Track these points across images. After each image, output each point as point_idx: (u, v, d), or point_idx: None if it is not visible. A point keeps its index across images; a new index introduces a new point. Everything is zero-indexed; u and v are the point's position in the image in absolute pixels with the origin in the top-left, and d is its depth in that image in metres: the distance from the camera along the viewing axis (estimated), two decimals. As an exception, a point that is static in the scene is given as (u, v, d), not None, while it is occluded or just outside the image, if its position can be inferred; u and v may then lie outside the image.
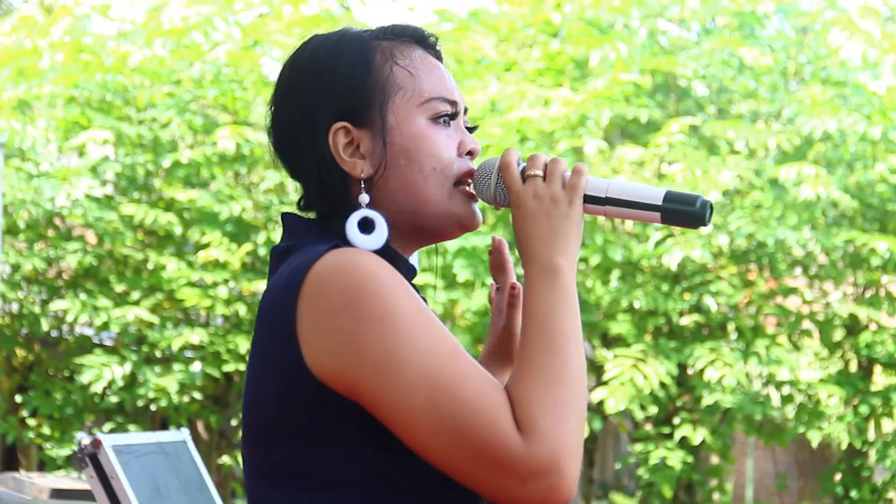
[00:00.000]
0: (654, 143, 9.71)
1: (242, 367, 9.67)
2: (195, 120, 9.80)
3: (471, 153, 1.73)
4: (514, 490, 1.52)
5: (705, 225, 1.66)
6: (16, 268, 9.49)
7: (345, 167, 1.68)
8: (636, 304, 9.63)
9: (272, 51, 10.69)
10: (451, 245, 9.33)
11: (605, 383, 9.55)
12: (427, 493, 1.58)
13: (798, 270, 10.16)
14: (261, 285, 9.62)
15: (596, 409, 10.05)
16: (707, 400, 9.55)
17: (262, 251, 9.62)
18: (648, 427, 10.13)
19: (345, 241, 1.65)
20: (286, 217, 1.72)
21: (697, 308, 9.79)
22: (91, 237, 9.86)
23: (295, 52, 1.73)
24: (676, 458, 9.55)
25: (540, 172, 1.67)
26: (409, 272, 1.72)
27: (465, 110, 1.77)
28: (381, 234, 1.65)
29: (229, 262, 9.54)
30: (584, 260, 9.79)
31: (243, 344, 9.60)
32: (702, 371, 9.52)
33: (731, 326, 9.96)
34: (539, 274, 1.63)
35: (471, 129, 1.75)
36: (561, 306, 1.60)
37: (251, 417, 1.61)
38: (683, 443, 9.75)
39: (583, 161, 9.92)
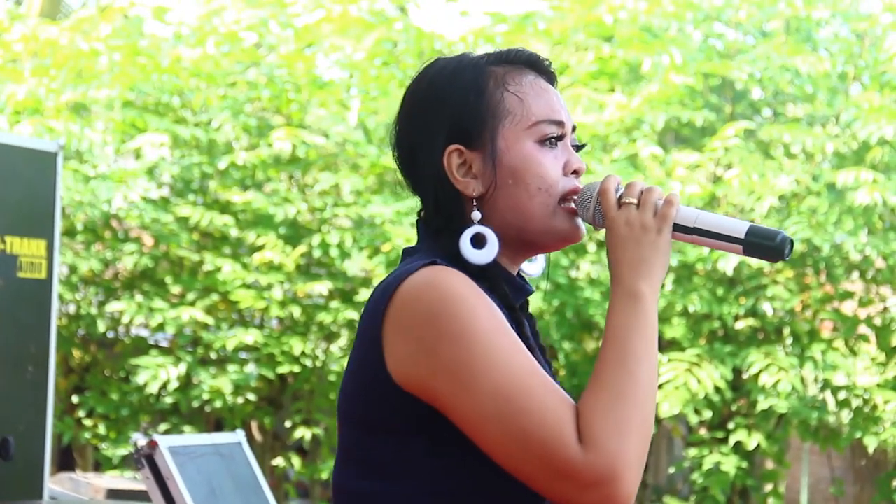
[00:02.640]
0: (710, 147, 9.67)
1: (297, 368, 9.71)
2: (249, 122, 9.84)
3: (576, 172, 1.84)
4: (573, 497, 1.64)
5: (784, 259, 1.76)
6: (73, 269, 9.58)
7: (458, 186, 1.81)
8: (691, 308, 9.58)
9: (326, 54, 10.72)
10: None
11: (659, 387, 9.51)
12: (495, 493, 1.69)
13: (855, 275, 10.08)
14: (315, 287, 9.65)
15: (650, 414, 10.01)
16: (762, 405, 9.49)
17: (317, 253, 9.65)
18: (703, 432, 10.08)
19: (450, 256, 1.77)
20: (417, 222, 1.88)
21: (753, 312, 9.73)
22: (147, 239, 9.93)
23: (417, 76, 1.87)
24: (731, 463, 9.50)
25: (634, 200, 1.79)
26: (517, 291, 1.84)
27: (574, 129, 1.87)
28: (492, 248, 1.78)
29: (284, 265, 9.58)
30: (638, 263, 9.75)
31: (297, 346, 9.63)
32: (757, 375, 9.47)
33: (786, 331, 9.89)
34: (622, 297, 1.74)
35: (579, 147, 1.87)
36: (637, 329, 1.71)
37: (344, 412, 1.77)
38: (738, 448, 9.69)
39: (640, 166, 9.90)
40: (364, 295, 9.66)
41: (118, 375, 10.03)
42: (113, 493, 7.31)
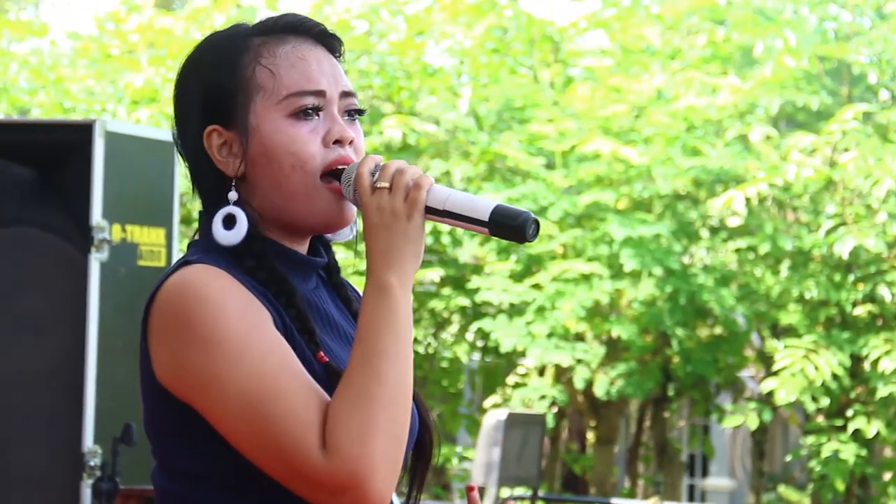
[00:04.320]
0: (827, 130, 9.53)
1: (409, 355, 9.75)
2: (361, 110, 9.89)
3: (339, 142, 1.73)
4: (325, 501, 1.63)
5: (529, 240, 1.67)
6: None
7: (220, 166, 1.74)
8: (807, 294, 9.46)
9: (436, 41, 10.75)
10: (618, 234, 9.28)
11: (775, 374, 9.40)
12: (275, 487, 1.67)
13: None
14: (427, 274, 9.68)
15: (765, 400, 9.90)
16: (882, 392, 9.34)
17: (429, 240, 9.67)
18: (820, 419, 9.95)
19: (213, 240, 1.73)
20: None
21: (871, 298, 9.58)
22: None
23: (187, 53, 1.81)
24: (850, 451, 9.37)
25: (387, 184, 1.68)
26: (297, 264, 1.76)
27: (348, 94, 1.76)
28: (240, 229, 1.70)
29: (396, 252, 9.62)
30: (752, 249, 9.66)
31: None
32: (876, 362, 9.32)
33: (907, 317, 9.72)
34: (371, 291, 1.67)
35: (360, 112, 1.77)
36: (385, 324, 1.65)
37: (143, 414, 1.77)
38: (857, 435, 9.55)
39: (752, 150, 9.79)
40: (475, 282, 9.68)
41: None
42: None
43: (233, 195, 1.72)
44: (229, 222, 1.71)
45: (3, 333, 5.15)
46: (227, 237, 1.70)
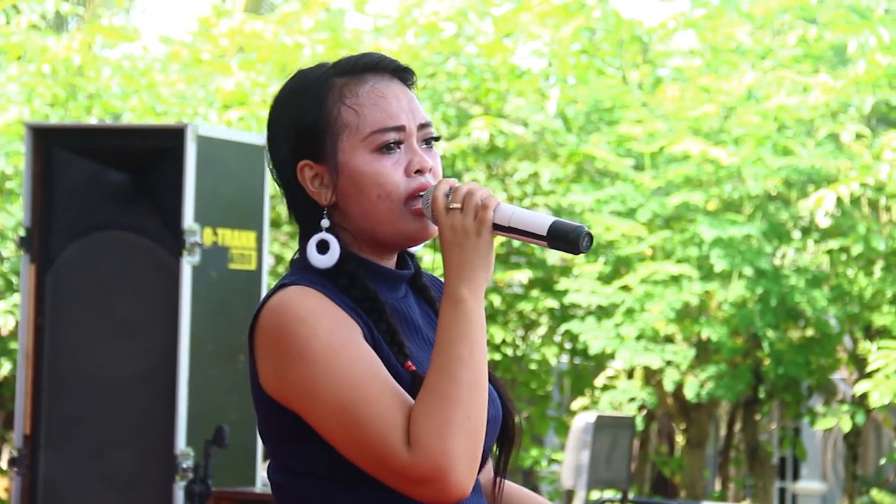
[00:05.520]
0: (921, 129, 9.39)
1: (497, 357, 9.74)
2: (449, 112, 9.91)
3: (420, 171, 1.96)
4: (411, 491, 1.86)
5: (582, 251, 1.88)
6: (279, 260, 9.78)
7: (314, 197, 1.97)
8: (901, 296, 9.33)
9: (524, 42, 10.74)
10: (708, 235, 9.21)
11: (869, 376, 9.28)
12: (371, 481, 1.89)
13: None
14: (515, 276, 9.67)
15: (858, 403, 9.78)
16: (980, 395, 9.19)
17: (516, 242, 9.65)
18: (915, 422, 9.81)
19: (310, 264, 1.96)
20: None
21: (968, 300, 9.43)
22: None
23: (276, 94, 2.03)
24: (946, 456, 9.24)
25: (458, 205, 1.91)
26: (386, 279, 1.99)
27: (423, 126, 1.98)
28: (333, 254, 1.94)
29: (484, 253, 9.61)
30: (844, 250, 9.54)
31: (498, 334, 9.66)
32: (973, 365, 9.16)
33: None
34: (446, 303, 1.89)
35: (436, 139, 1.99)
36: (459, 334, 1.87)
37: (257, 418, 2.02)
38: (952, 439, 9.41)
39: (844, 150, 9.67)
40: (563, 284, 9.66)
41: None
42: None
43: (325, 222, 1.95)
44: (323, 247, 1.94)
45: (98, 337, 5.23)
46: (322, 261, 1.94)
